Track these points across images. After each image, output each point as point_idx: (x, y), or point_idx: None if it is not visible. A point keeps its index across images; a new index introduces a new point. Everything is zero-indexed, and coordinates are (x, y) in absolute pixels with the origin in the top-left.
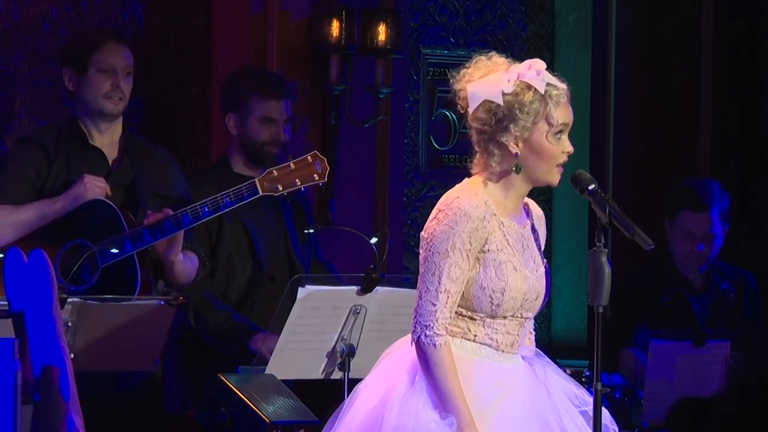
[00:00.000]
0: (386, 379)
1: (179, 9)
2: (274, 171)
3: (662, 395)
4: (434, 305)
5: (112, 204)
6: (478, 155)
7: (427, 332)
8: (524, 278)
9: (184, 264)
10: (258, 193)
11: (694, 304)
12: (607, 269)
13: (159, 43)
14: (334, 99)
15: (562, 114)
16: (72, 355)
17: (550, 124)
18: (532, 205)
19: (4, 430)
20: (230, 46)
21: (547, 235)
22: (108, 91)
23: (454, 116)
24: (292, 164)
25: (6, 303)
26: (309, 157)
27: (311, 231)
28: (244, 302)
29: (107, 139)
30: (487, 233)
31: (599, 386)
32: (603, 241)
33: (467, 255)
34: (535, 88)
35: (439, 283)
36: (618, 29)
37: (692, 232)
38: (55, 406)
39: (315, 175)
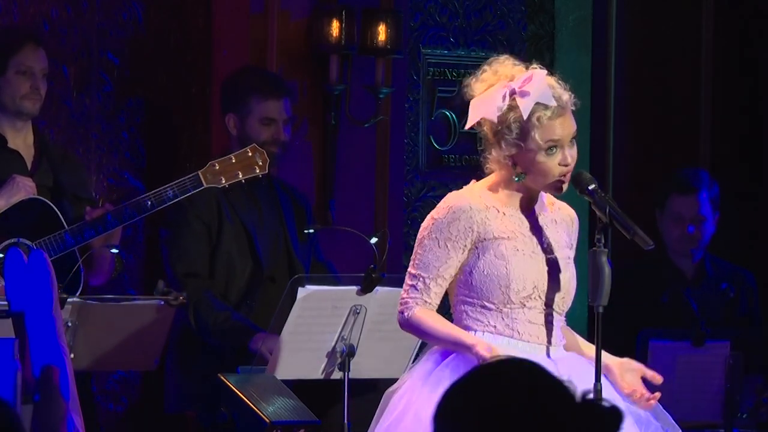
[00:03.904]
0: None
1: (179, 9)
2: (216, 164)
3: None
4: (408, 287)
5: (47, 201)
6: (489, 158)
7: (402, 312)
8: (530, 259)
9: (111, 260)
10: (202, 185)
11: (692, 303)
12: (607, 269)
13: (159, 43)
14: (334, 99)
15: (550, 132)
16: (72, 355)
17: (537, 143)
18: (562, 206)
19: None
20: (230, 46)
21: None
22: (27, 93)
23: (454, 116)
24: (233, 157)
25: (6, 303)
26: (249, 150)
27: (311, 231)
28: (244, 302)
29: (21, 141)
30: (476, 224)
31: (599, 386)
32: (603, 241)
33: (445, 243)
34: (521, 110)
35: (414, 267)
36: (618, 29)
37: (682, 215)
38: (55, 406)
39: (256, 167)
